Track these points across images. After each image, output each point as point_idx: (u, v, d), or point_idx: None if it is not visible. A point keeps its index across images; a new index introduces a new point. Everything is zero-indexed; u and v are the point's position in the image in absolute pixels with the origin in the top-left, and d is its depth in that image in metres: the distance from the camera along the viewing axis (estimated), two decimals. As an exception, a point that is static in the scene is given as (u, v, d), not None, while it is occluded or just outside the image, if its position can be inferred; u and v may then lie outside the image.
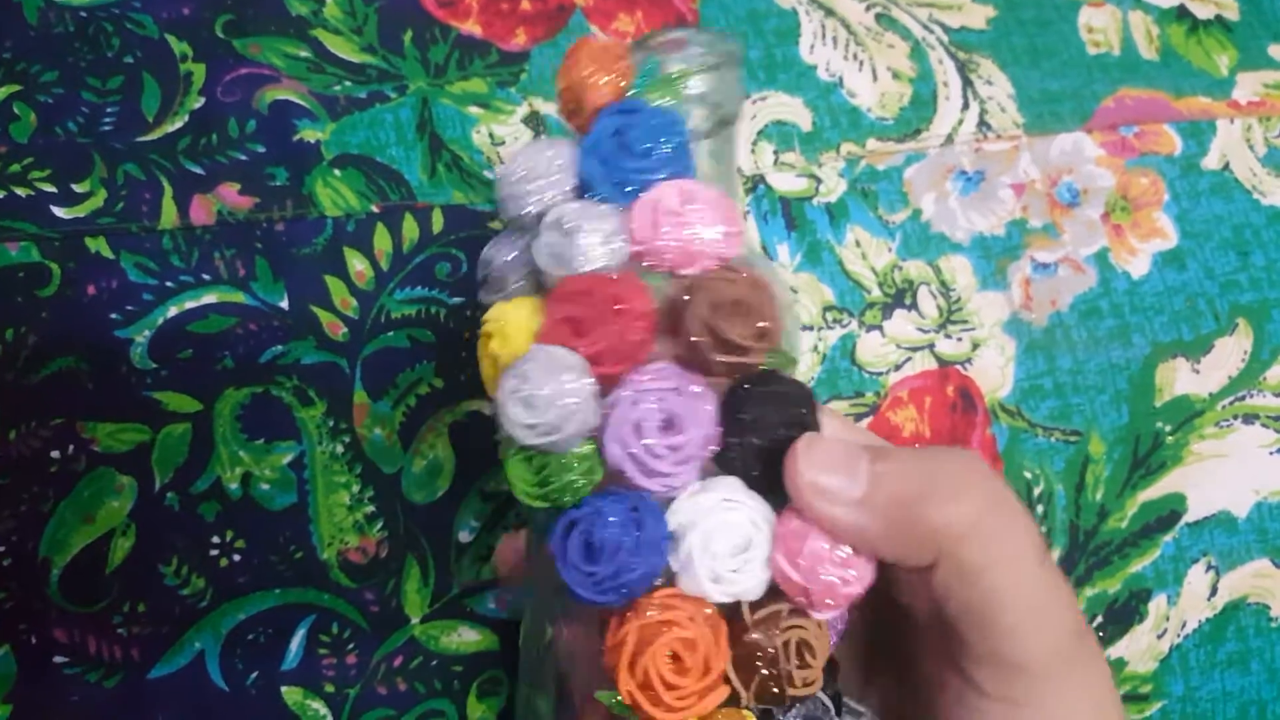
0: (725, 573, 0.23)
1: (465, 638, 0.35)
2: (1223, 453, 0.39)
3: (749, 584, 0.23)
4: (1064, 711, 0.25)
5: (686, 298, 0.24)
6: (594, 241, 0.24)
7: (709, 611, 0.23)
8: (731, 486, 0.23)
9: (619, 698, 0.22)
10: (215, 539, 0.34)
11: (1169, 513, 0.38)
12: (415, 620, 0.35)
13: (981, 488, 0.25)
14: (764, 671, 0.23)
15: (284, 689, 0.34)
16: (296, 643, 0.34)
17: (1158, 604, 0.38)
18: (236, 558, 0.34)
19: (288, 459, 0.35)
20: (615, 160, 0.25)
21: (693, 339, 0.24)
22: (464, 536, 0.36)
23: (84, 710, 0.32)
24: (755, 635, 0.23)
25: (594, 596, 0.23)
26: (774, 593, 0.23)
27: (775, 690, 0.23)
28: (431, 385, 0.36)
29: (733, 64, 0.27)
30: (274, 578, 0.34)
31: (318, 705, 0.34)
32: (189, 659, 0.33)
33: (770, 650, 0.23)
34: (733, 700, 0.23)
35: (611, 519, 0.22)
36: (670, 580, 0.23)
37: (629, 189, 0.25)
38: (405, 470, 0.36)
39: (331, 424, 0.35)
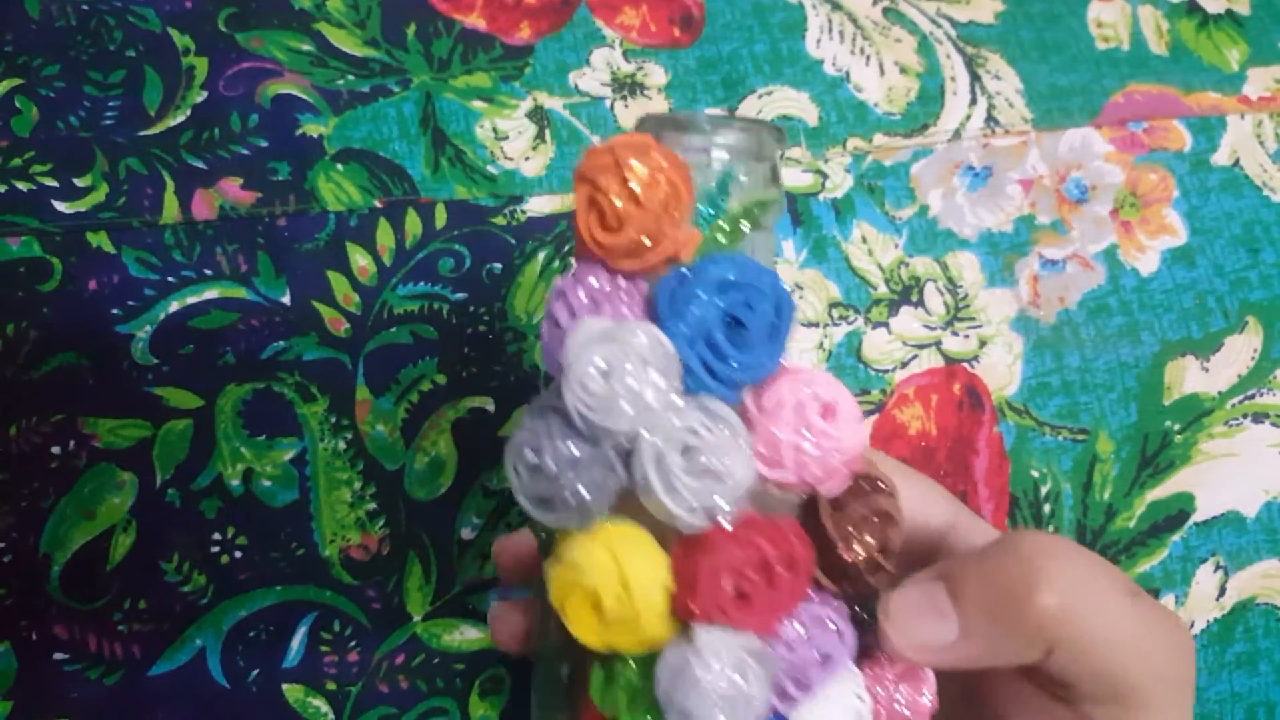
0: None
1: (467, 635, 0.35)
2: (1232, 452, 0.39)
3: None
4: None
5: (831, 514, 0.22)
6: (739, 479, 0.20)
7: None
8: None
9: None
10: (216, 536, 0.34)
11: (1177, 512, 0.38)
12: (417, 618, 0.35)
13: (1055, 565, 0.24)
14: None
15: (285, 686, 0.33)
16: (298, 640, 0.34)
17: (1166, 604, 0.37)
18: (238, 554, 0.34)
19: (289, 455, 0.35)
20: (727, 351, 0.20)
21: (847, 559, 0.22)
22: (466, 534, 0.36)
23: (84, 707, 0.32)
24: None
25: None
26: None
27: None
28: (434, 382, 0.36)
29: (777, 150, 0.25)
30: (275, 575, 0.34)
31: (319, 703, 0.33)
32: (190, 656, 0.33)
33: None
34: None
35: None
36: None
37: (741, 384, 0.21)
38: (407, 467, 0.35)
39: (333, 420, 0.35)
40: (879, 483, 0.23)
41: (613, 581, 0.20)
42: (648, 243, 0.20)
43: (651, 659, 0.21)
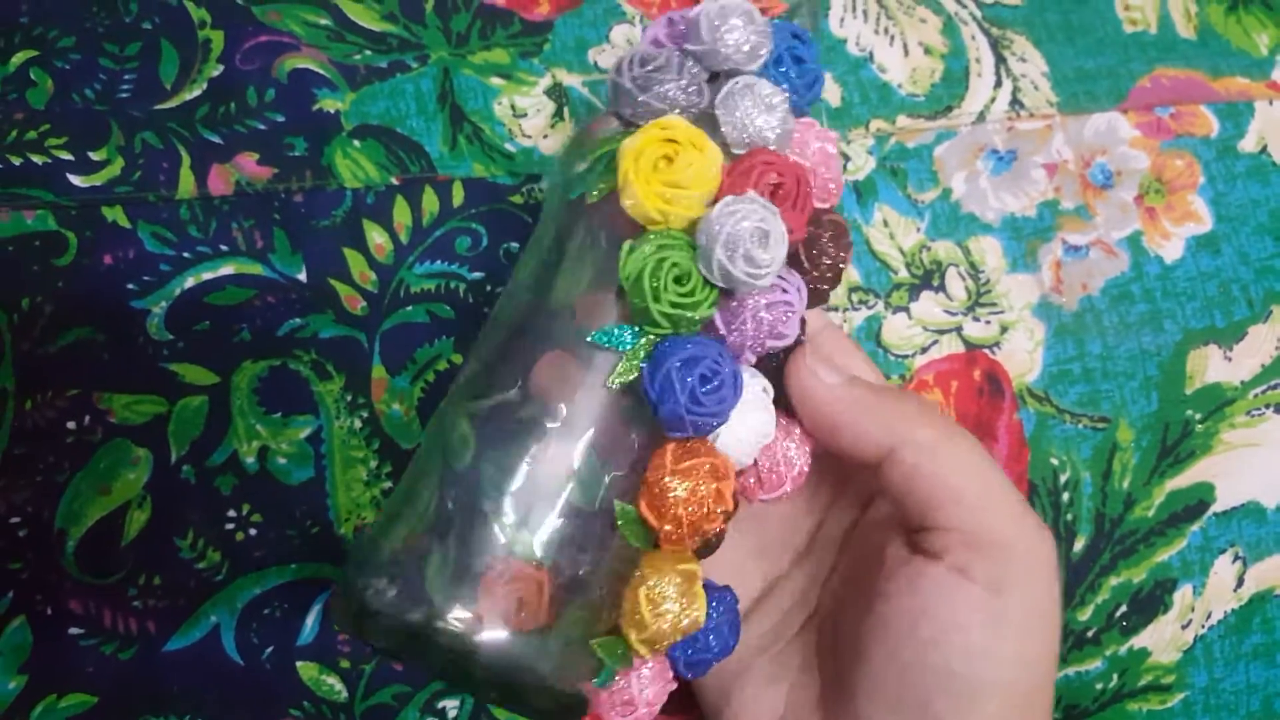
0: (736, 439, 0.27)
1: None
2: (1253, 442, 0.38)
3: (748, 459, 0.27)
4: (1041, 599, 0.26)
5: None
6: (783, 127, 0.27)
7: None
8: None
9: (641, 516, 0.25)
10: (231, 512, 0.34)
11: (1197, 502, 0.38)
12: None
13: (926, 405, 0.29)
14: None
15: (299, 664, 0.33)
16: (312, 618, 0.34)
17: (1183, 594, 0.37)
18: (253, 532, 0.34)
19: (305, 433, 0.35)
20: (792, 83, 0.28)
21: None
22: (481, 514, 0.35)
23: (99, 682, 0.32)
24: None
25: (695, 423, 0.25)
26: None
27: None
28: (450, 361, 0.36)
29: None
30: (290, 552, 0.34)
31: (333, 680, 0.33)
32: (204, 633, 0.33)
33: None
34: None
35: (724, 364, 0.25)
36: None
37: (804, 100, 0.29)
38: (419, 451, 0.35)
39: (349, 398, 0.35)
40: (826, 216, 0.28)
41: (688, 141, 0.25)
42: None
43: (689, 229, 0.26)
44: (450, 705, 0.34)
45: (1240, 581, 0.38)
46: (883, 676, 0.27)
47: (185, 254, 0.35)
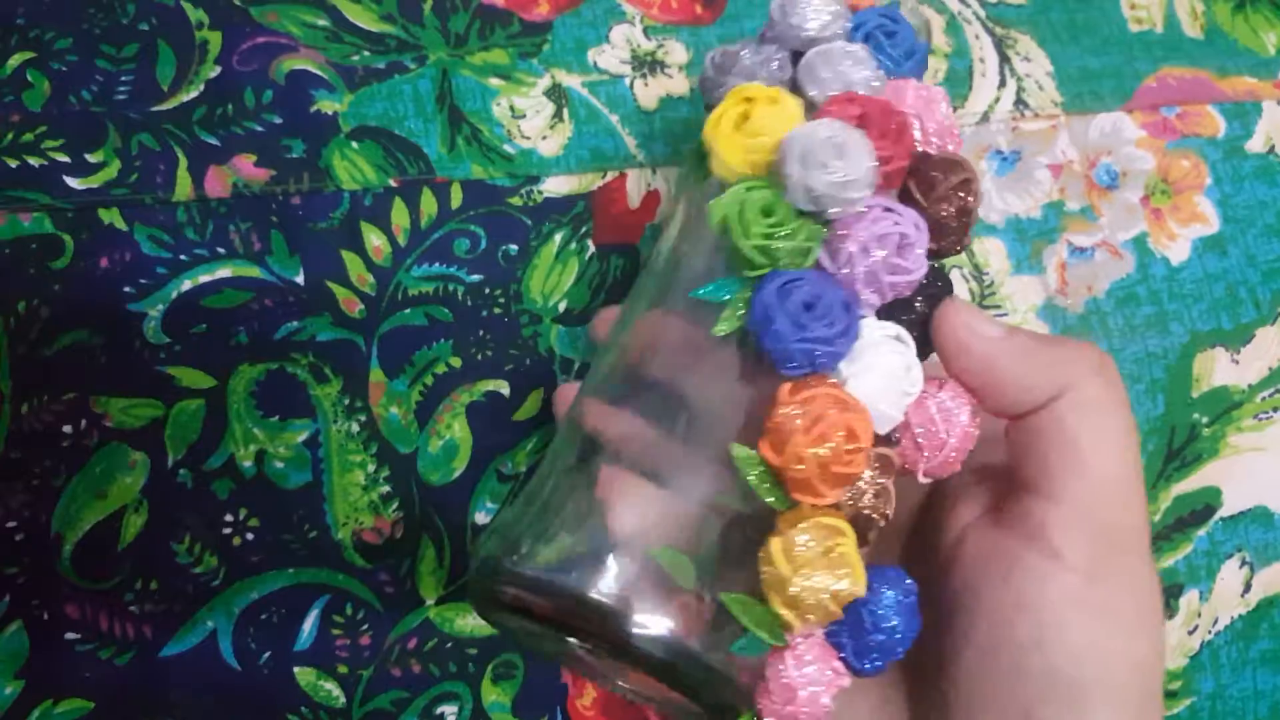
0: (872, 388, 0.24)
1: (480, 620, 0.35)
2: (1261, 446, 0.38)
3: (893, 414, 0.25)
4: (1137, 593, 0.24)
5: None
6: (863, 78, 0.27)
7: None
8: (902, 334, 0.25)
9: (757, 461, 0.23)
10: (228, 517, 0.34)
11: (1203, 507, 0.37)
12: (430, 602, 0.35)
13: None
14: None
15: (297, 669, 0.33)
16: (310, 623, 0.34)
17: (1189, 600, 0.37)
18: (250, 536, 0.34)
19: (302, 437, 0.34)
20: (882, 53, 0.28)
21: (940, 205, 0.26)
22: (480, 518, 0.35)
23: (96, 687, 0.32)
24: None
25: (805, 351, 0.23)
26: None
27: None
28: (449, 364, 0.36)
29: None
30: (287, 557, 0.34)
31: (330, 686, 0.33)
32: (201, 638, 0.33)
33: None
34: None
35: (829, 289, 0.24)
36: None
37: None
38: (421, 450, 0.35)
39: (347, 402, 0.35)
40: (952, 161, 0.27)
41: (763, 96, 0.26)
42: None
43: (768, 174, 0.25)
44: (449, 711, 0.34)
45: (1247, 587, 0.37)
46: (978, 686, 0.24)
47: (182, 256, 0.35)
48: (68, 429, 0.33)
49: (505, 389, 0.36)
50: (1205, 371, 0.38)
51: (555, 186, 0.38)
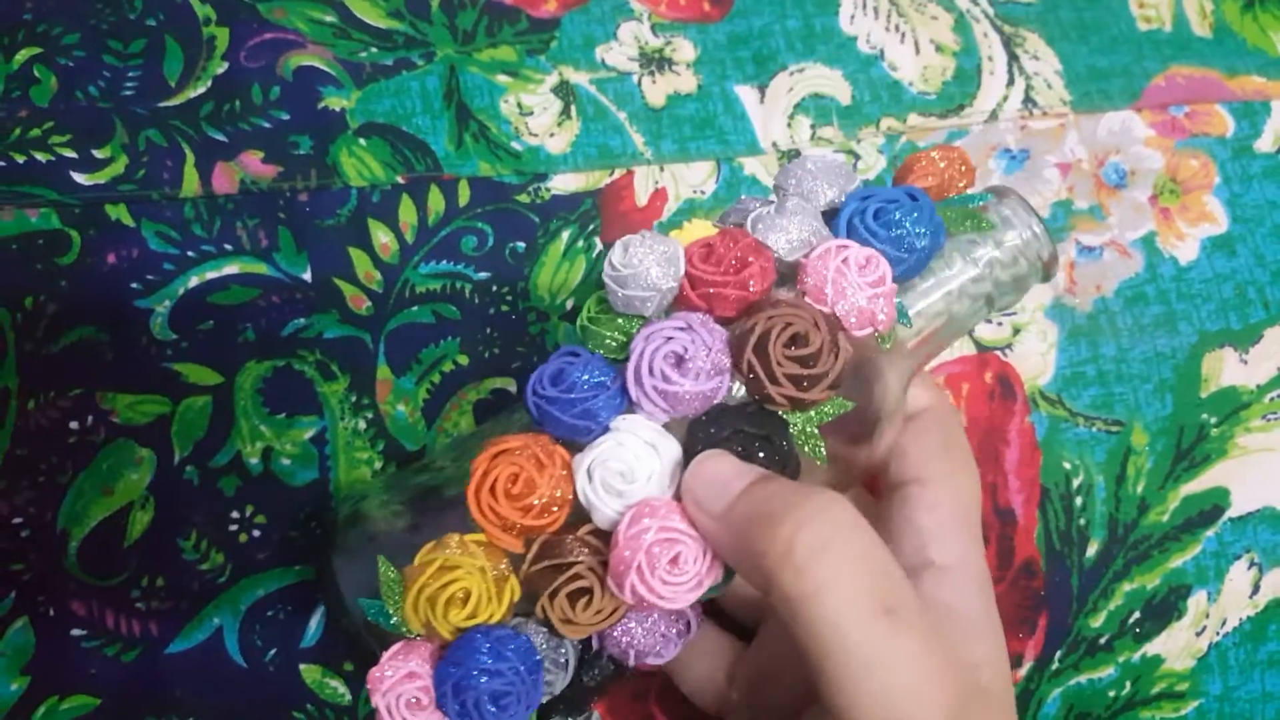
0: (602, 487, 0.24)
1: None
2: (1269, 446, 0.38)
3: (605, 512, 0.24)
4: None
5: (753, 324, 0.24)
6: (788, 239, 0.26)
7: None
8: (663, 443, 0.24)
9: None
10: (235, 514, 0.34)
11: (1212, 507, 0.37)
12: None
13: (817, 518, 0.21)
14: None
15: (303, 667, 0.33)
16: (315, 620, 0.33)
17: (1197, 601, 0.37)
18: (256, 533, 0.34)
19: (309, 434, 0.34)
20: (865, 225, 0.26)
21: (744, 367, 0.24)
22: (487, 516, 0.35)
23: (102, 684, 0.32)
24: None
25: (534, 405, 0.25)
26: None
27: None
28: (456, 362, 0.35)
29: (1035, 275, 0.29)
30: (294, 554, 0.34)
31: (336, 684, 0.33)
32: (207, 635, 0.33)
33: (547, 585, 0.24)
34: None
35: (591, 372, 0.24)
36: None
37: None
38: (428, 448, 0.35)
39: (354, 399, 0.35)
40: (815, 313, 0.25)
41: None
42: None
43: None
44: (455, 709, 0.34)
45: (1256, 588, 0.37)
46: None
47: (189, 253, 0.35)
48: (74, 425, 0.33)
49: (512, 386, 0.36)
50: (1214, 372, 0.38)
51: (563, 184, 0.37)
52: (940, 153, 0.28)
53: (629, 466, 0.23)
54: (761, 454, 0.24)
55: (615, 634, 0.25)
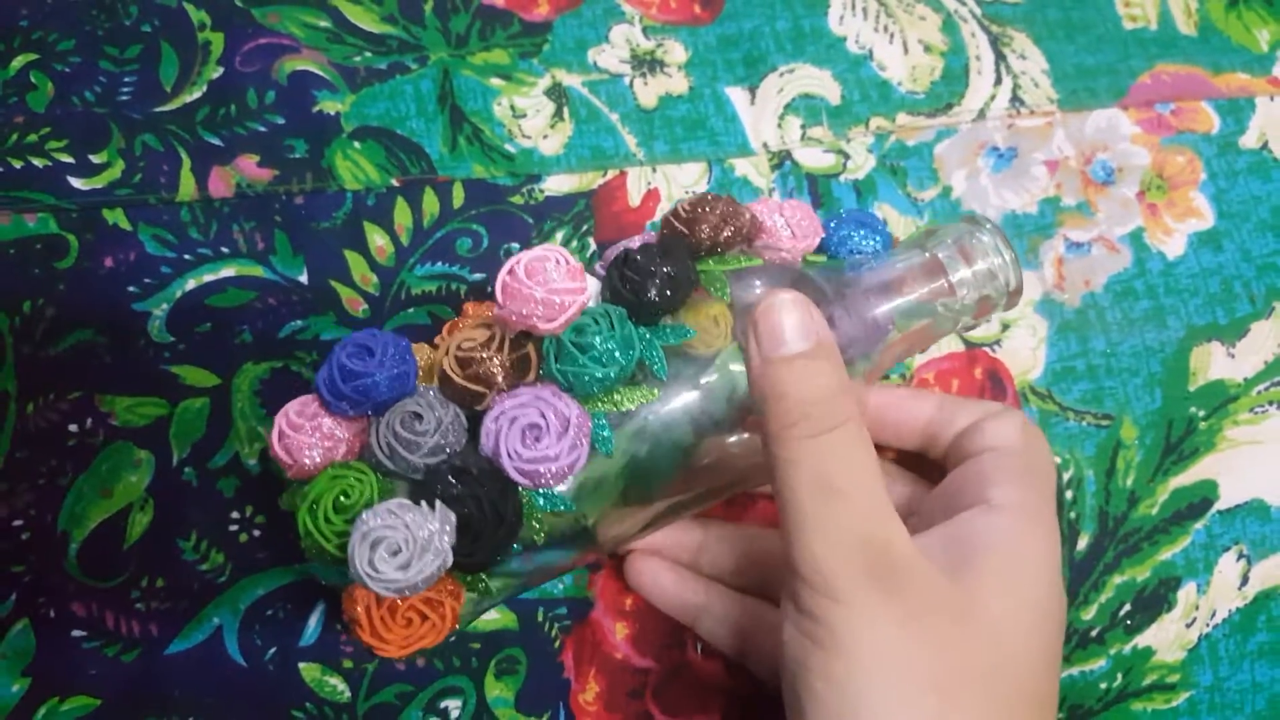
0: None
1: (484, 616, 0.35)
2: (1257, 439, 0.38)
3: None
4: (856, 668, 0.24)
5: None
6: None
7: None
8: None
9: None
10: (234, 514, 0.34)
11: (1201, 500, 0.38)
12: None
13: (826, 409, 0.26)
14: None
15: (302, 665, 0.33)
16: (315, 619, 0.34)
17: (1187, 592, 0.37)
18: (256, 533, 0.34)
19: (306, 435, 0.35)
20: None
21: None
22: (483, 515, 0.35)
23: (102, 684, 0.32)
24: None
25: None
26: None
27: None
28: (451, 362, 0.36)
29: (1000, 300, 0.32)
30: (293, 553, 0.34)
31: (335, 681, 0.33)
32: (207, 634, 0.33)
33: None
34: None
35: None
36: None
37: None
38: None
39: (350, 400, 0.35)
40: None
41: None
42: None
43: None
44: (453, 705, 0.34)
45: (1245, 580, 0.37)
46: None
47: (186, 256, 0.35)
48: (73, 428, 0.34)
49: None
50: (1202, 365, 0.38)
51: (556, 185, 0.38)
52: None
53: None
54: (666, 268, 0.28)
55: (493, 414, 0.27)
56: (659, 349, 0.28)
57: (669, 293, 0.28)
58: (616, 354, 0.27)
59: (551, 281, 0.27)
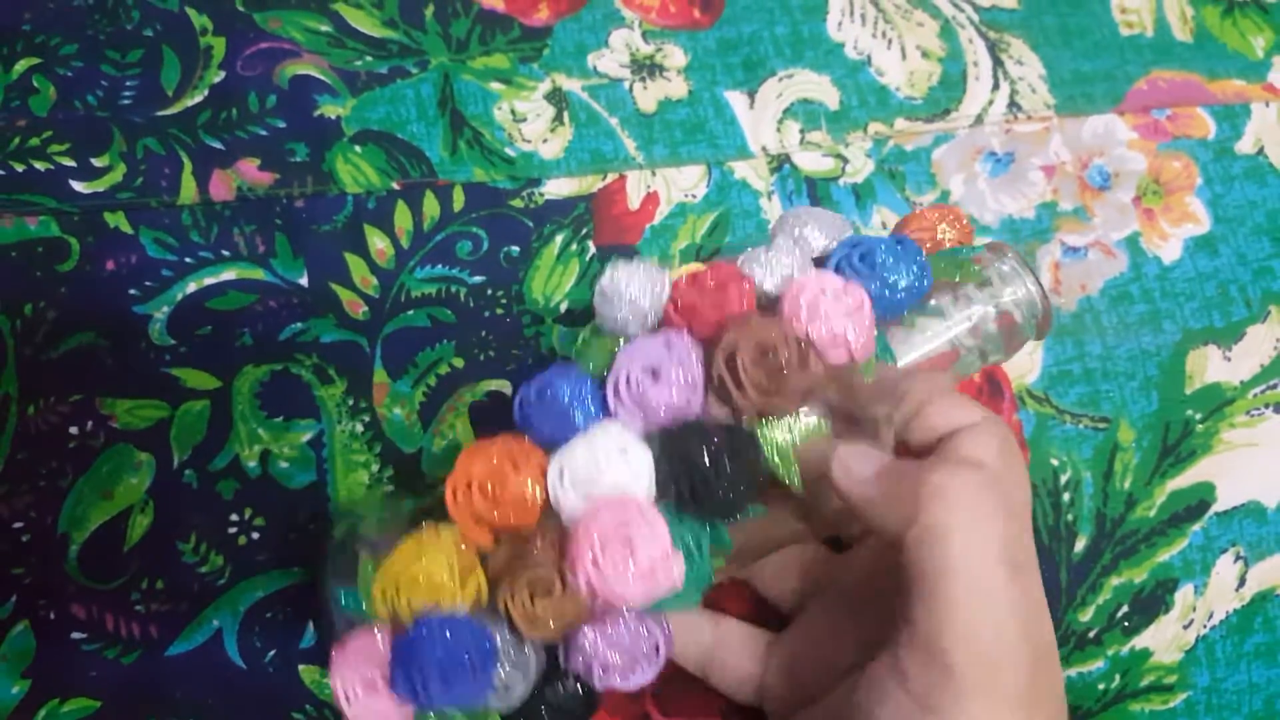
0: (570, 485, 0.25)
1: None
2: (1253, 442, 0.38)
3: (571, 509, 0.25)
4: None
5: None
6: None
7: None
8: (634, 448, 0.25)
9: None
10: (234, 517, 0.34)
11: (1198, 502, 0.38)
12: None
13: (965, 474, 0.25)
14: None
15: (302, 667, 0.33)
16: (314, 621, 0.34)
17: (1184, 594, 0.37)
18: (255, 535, 0.34)
19: (307, 437, 0.35)
20: (852, 265, 0.27)
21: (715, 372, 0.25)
22: (483, 517, 0.35)
23: (102, 686, 0.32)
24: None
25: (520, 414, 0.26)
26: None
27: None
28: (451, 365, 0.36)
29: (1028, 329, 0.30)
30: (292, 556, 0.34)
31: (335, 685, 0.33)
32: (207, 636, 0.33)
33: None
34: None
35: (569, 384, 0.26)
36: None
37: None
38: (425, 450, 0.35)
39: (351, 403, 0.35)
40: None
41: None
42: None
43: None
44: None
45: (1242, 581, 0.38)
46: None
47: (187, 259, 0.35)
48: (74, 430, 0.34)
49: (508, 389, 0.36)
50: (1198, 369, 0.39)
51: (556, 189, 0.38)
52: (938, 213, 0.29)
53: (597, 467, 0.24)
54: (730, 466, 0.24)
55: (579, 644, 0.25)
56: (725, 534, 0.26)
57: (736, 501, 0.25)
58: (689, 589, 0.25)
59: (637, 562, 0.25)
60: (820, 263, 0.28)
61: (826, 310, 0.25)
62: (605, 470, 0.24)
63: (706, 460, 0.24)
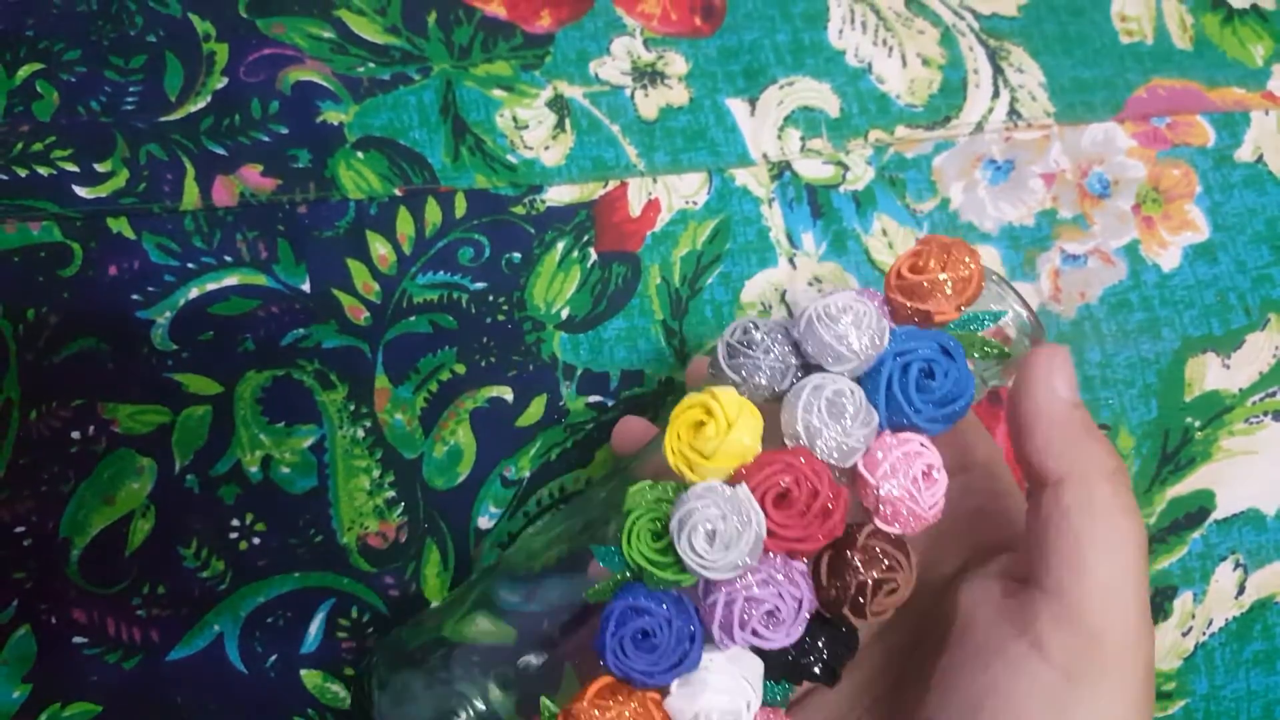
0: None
1: (485, 626, 0.35)
2: (1252, 449, 0.38)
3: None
4: (1113, 704, 0.24)
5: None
6: (853, 436, 0.25)
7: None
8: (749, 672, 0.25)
9: None
10: (235, 522, 0.34)
11: (1197, 509, 0.38)
12: (435, 605, 0.35)
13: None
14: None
15: (303, 672, 0.33)
16: (316, 626, 0.34)
17: (1184, 601, 0.37)
18: (256, 541, 0.34)
19: (308, 443, 0.35)
20: (907, 396, 0.26)
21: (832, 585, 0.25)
22: (484, 522, 0.36)
23: (103, 691, 0.32)
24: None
25: (618, 667, 0.25)
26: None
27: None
28: (453, 371, 0.36)
29: (1021, 350, 0.29)
30: (294, 561, 0.34)
31: (336, 688, 0.34)
32: (208, 641, 0.33)
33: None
34: None
35: (668, 622, 0.24)
36: None
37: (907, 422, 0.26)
38: (426, 456, 0.35)
39: (352, 408, 0.35)
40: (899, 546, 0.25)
41: (722, 415, 0.25)
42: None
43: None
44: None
45: (1241, 589, 0.38)
46: None
47: (189, 265, 0.35)
48: (76, 435, 0.34)
49: (509, 395, 0.36)
50: (1197, 376, 0.39)
51: (558, 195, 0.38)
52: (936, 258, 0.27)
53: (731, 705, 0.24)
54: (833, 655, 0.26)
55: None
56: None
57: (830, 672, 0.26)
58: None
59: None
60: (862, 374, 0.26)
61: (921, 506, 0.25)
62: (738, 706, 0.24)
63: (818, 671, 0.25)
